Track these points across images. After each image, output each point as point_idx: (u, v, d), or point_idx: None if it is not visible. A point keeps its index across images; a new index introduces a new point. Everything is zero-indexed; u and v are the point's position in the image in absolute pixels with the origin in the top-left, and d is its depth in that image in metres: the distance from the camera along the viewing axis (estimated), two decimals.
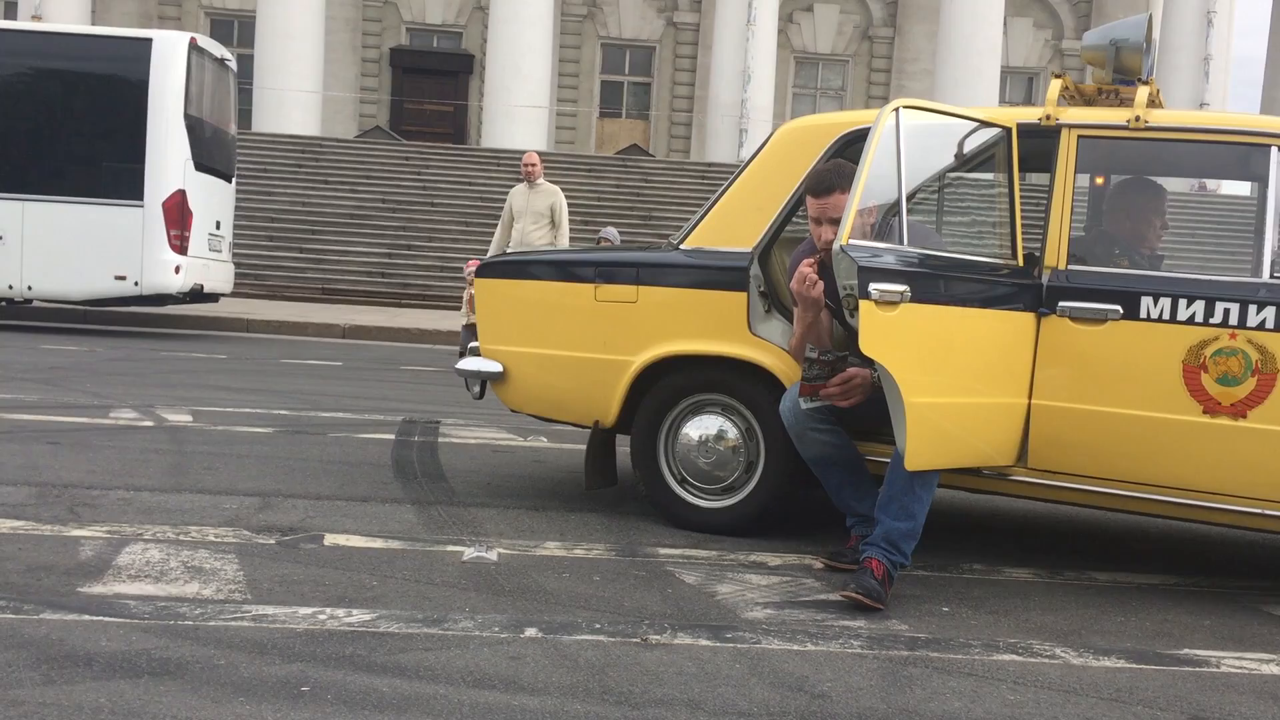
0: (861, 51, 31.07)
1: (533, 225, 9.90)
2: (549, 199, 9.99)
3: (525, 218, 9.92)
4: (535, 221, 9.90)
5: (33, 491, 4.21)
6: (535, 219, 9.90)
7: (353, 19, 29.57)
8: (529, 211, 9.92)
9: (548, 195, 10.01)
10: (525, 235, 9.90)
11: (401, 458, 5.38)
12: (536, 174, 10.01)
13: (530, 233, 9.91)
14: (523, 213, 9.95)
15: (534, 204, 9.96)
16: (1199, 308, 3.53)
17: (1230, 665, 3.02)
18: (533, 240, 9.86)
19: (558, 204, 9.99)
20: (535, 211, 9.91)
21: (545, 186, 10.08)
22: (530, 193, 10.02)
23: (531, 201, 9.98)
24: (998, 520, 4.83)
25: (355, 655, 2.69)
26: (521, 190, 10.09)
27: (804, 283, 3.58)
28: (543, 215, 9.91)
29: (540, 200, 9.97)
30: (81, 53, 12.31)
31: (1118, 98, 4.02)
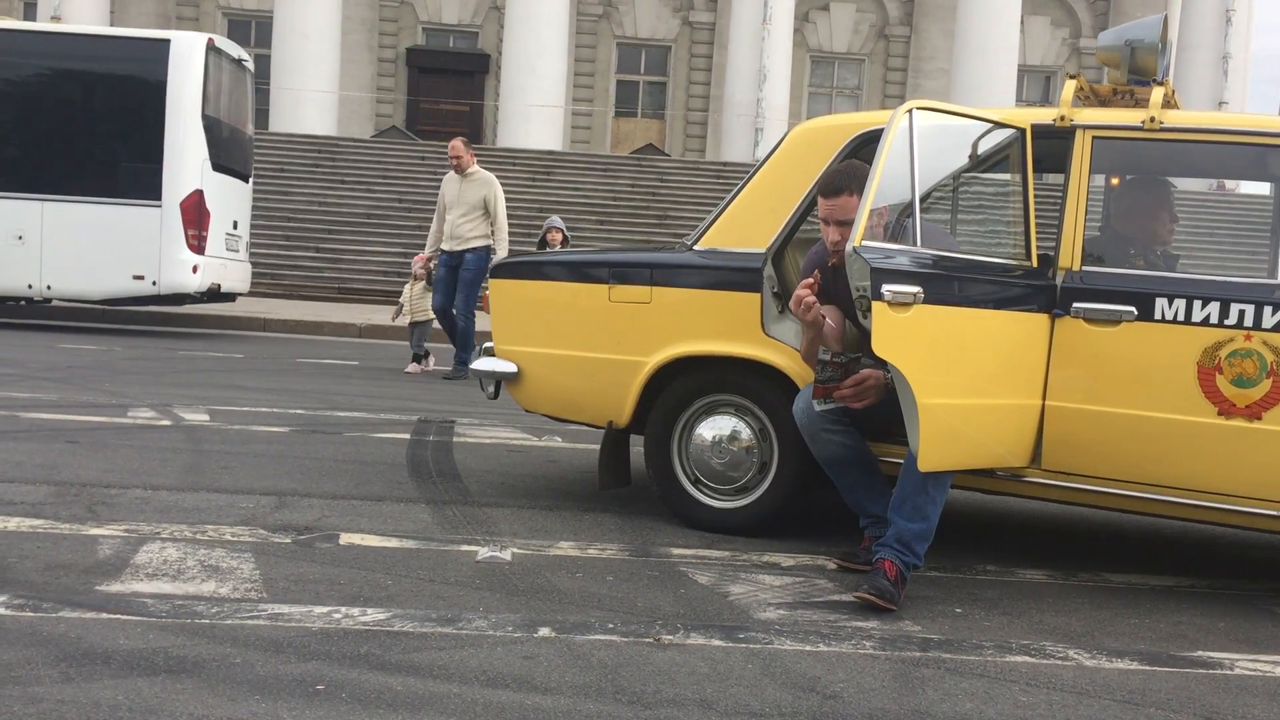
0: (878, 50, 31.00)
1: (463, 217, 9.24)
2: (482, 189, 9.29)
3: (456, 208, 9.29)
4: (466, 214, 9.24)
5: (51, 490, 4.24)
6: (466, 210, 9.25)
7: (369, 19, 29.65)
8: (460, 202, 9.29)
9: (480, 185, 9.31)
10: (455, 228, 9.24)
11: (416, 457, 5.40)
12: (464, 163, 9.32)
13: (460, 225, 9.23)
14: (454, 203, 9.31)
15: (465, 195, 9.29)
16: (1214, 309, 3.52)
17: (1244, 668, 3.02)
18: (463, 233, 9.24)
19: (491, 195, 9.28)
20: (466, 203, 9.27)
21: (478, 176, 9.36)
22: (462, 182, 9.33)
23: (463, 192, 9.30)
24: (1011, 521, 4.82)
25: (370, 654, 2.71)
26: (452, 180, 9.42)
27: (799, 306, 3.57)
28: (475, 207, 9.24)
29: (472, 191, 9.29)
30: (100, 54, 12.39)
31: (1133, 98, 4.01)
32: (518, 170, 21.92)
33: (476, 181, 9.33)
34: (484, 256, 9.20)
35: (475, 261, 9.22)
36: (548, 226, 9.55)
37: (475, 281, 9.24)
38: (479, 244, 9.25)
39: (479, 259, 9.21)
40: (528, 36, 24.76)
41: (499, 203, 9.31)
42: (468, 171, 9.35)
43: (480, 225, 9.27)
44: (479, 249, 9.25)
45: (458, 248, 9.26)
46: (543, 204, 20.67)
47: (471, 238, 9.26)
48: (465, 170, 9.34)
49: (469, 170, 9.35)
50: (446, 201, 9.38)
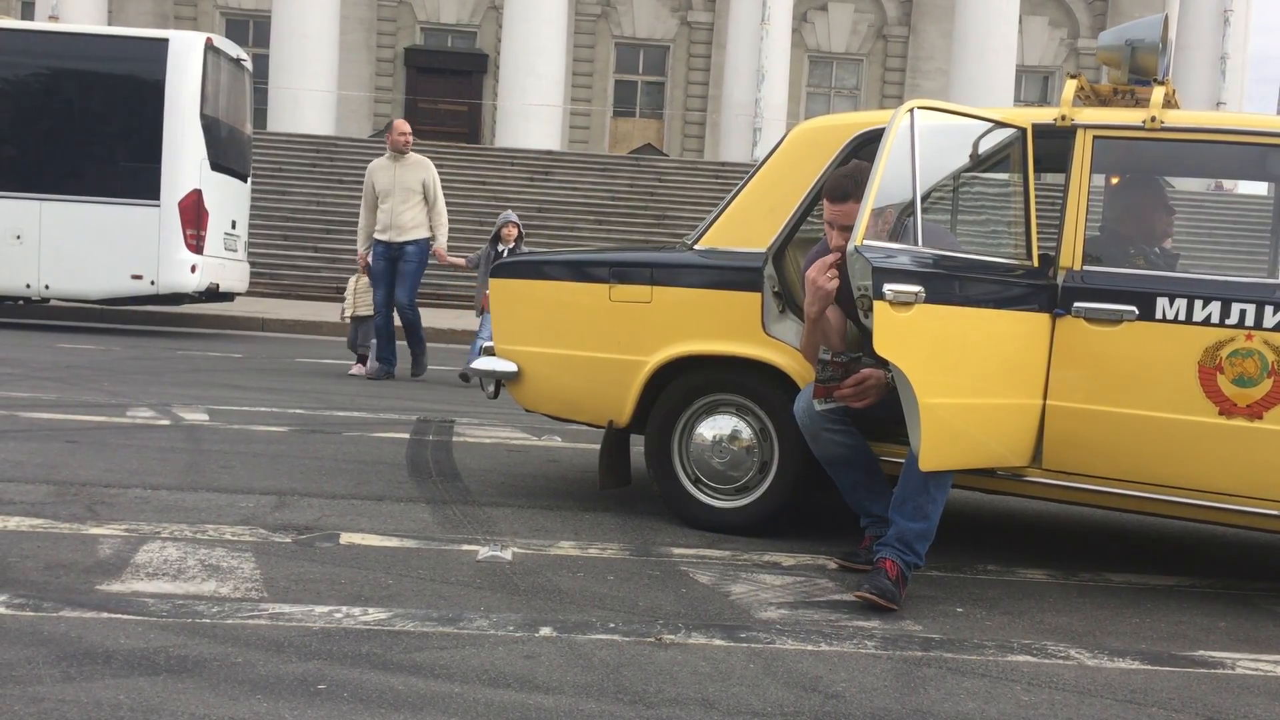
0: (876, 50, 31.01)
1: (403, 204, 8.75)
2: (420, 173, 8.83)
3: (394, 195, 8.74)
4: (405, 199, 8.75)
5: (51, 490, 4.24)
6: (406, 196, 8.75)
7: (367, 18, 29.64)
8: (398, 188, 8.75)
9: (418, 169, 8.84)
10: (396, 216, 8.75)
11: (416, 457, 5.40)
12: (410, 144, 8.87)
13: (402, 213, 8.75)
14: (389, 190, 8.75)
15: (403, 179, 8.77)
16: (1215, 309, 3.52)
17: (1245, 667, 3.02)
18: (405, 221, 8.75)
19: (430, 179, 8.84)
20: (405, 188, 8.75)
21: (414, 159, 8.92)
22: (397, 167, 8.81)
23: (400, 177, 8.78)
24: (1012, 521, 4.82)
25: (371, 654, 2.70)
26: (385, 165, 8.87)
27: (823, 270, 3.57)
28: (414, 191, 8.77)
29: (410, 175, 8.80)
30: (98, 53, 12.38)
31: (1133, 98, 4.01)
32: (516, 170, 21.93)
33: (413, 165, 8.87)
34: (425, 248, 8.88)
35: (417, 253, 8.86)
36: (502, 221, 9.14)
37: (418, 273, 8.93)
38: (421, 234, 8.87)
39: (421, 250, 8.88)
40: (526, 36, 24.76)
41: (437, 186, 8.90)
42: (403, 155, 8.88)
43: (421, 213, 8.85)
44: (419, 240, 8.86)
45: (397, 239, 8.79)
46: (541, 204, 20.68)
47: (413, 227, 8.83)
48: (404, 153, 8.87)
49: (406, 154, 8.89)
50: (379, 189, 8.82)
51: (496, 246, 8.90)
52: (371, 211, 8.88)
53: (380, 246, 8.82)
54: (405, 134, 8.87)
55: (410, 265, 8.84)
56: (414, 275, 8.90)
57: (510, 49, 25.20)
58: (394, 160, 8.84)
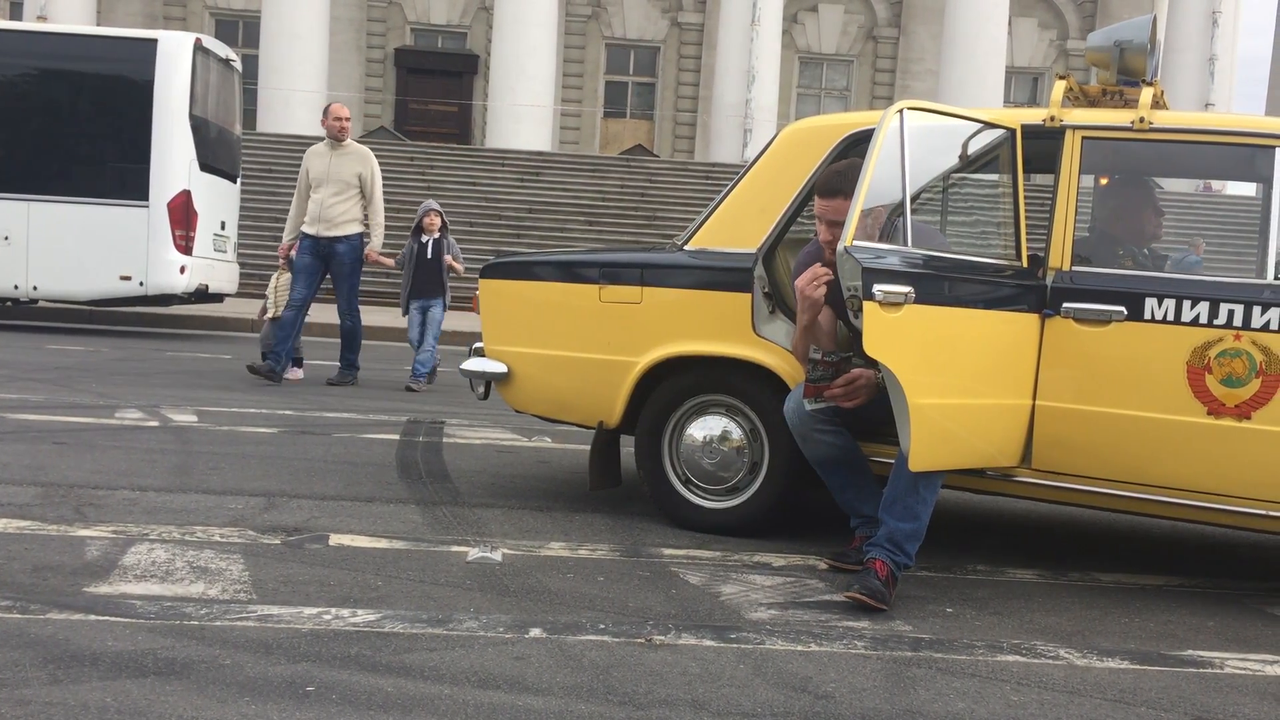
0: (866, 52, 31.06)
1: (335, 196, 8.09)
2: (358, 164, 8.17)
3: (327, 186, 8.08)
4: (339, 191, 8.10)
5: (39, 491, 4.22)
6: (340, 188, 8.10)
7: (357, 19, 29.59)
8: (331, 179, 8.09)
9: (356, 160, 8.18)
10: (326, 208, 8.08)
11: (406, 458, 5.39)
12: (348, 130, 8.23)
13: (333, 205, 8.08)
14: (323, 180, 8.09)
15: (338, 170, 8.12)
16: (1203, 309, 3.53)
17: (1234, 667, 3.03)
18: (335, 215, 8.09)
19: (368, 171, 8.17)
20: (340, 179, 8.11)
21: (353, 149, 8.25)
22: (334, 155, 8.16)
23: (335, 167, 8.12)
24: (1001, 521, 4.83)
25: (360, 655, 2.69)
26: (322, 152, 8.21)
27: (812, 281, 3.58)
28: (349, 184, 8.11)
29: (346, 165, 8.14)
30: (87, 53, 12.34)
31: (1122, 99, 4.02)
32: (506, 171, 21.91)
33: (351, 155, 8.21)
34: (358, 245, 8.24)
35: (350, 252, 8.20)
36: (424, 211, 8.60)
37: (355, 274, 8.28)
38: (353, 230, 8.19)
39: (353, 248, 8.21)
40: (516, 37, 24.76)
41: (376, 180, 8.23)
42: (342, 143, 8.22)
43: (355, 207, 8.18)
44: (351, 237, 8.19)
45: (327, 233, 8.11)
46: (531, 205, 20.67)
47: (345, 222, 8.15)
48: (343, 140, 8.21)
49: (345, 141, 8.23)
50: (313, 178, 8.17)
51: (420, 238, 8.53)
52: (303, 201, 8.26)
53: (307, 240, 8.16)
54: (341, 119, 8.19)
55: (344, 267, 8.22)
56: (351, 278, 8.28)
57: (501, 50, 25.19)
58: (331, 148, 8.20)
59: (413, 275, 8.57)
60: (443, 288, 8.65)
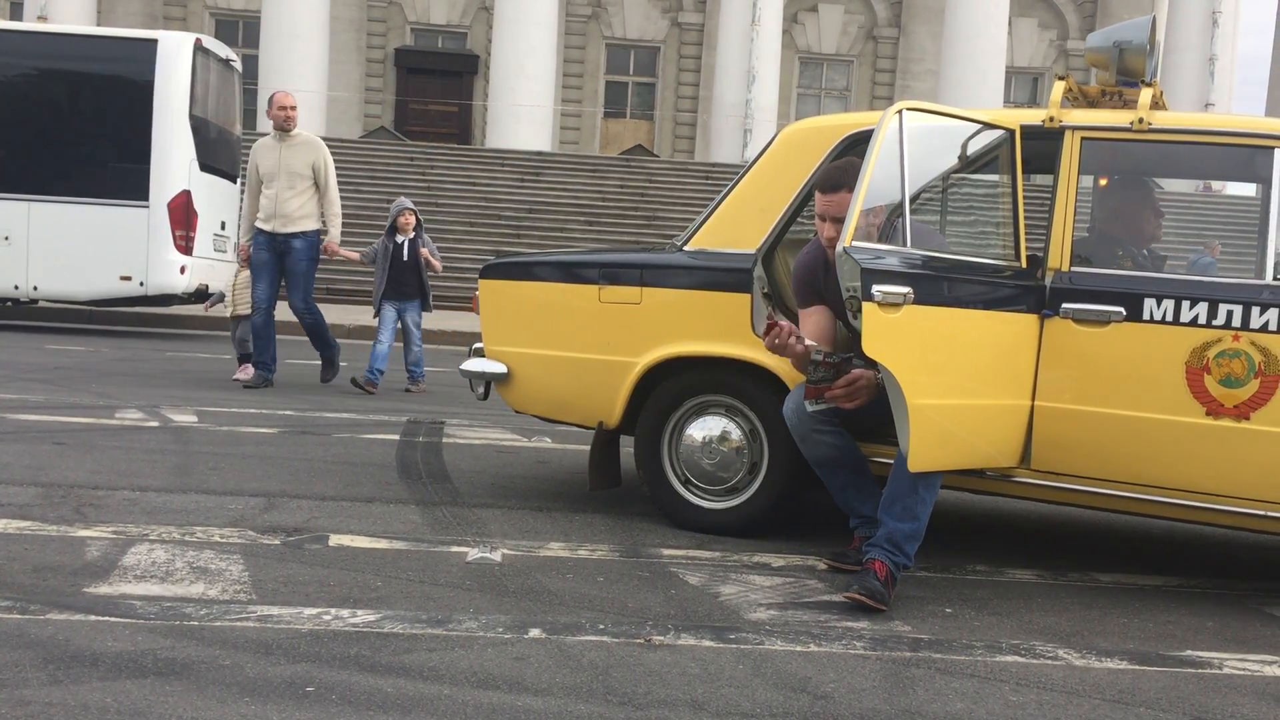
0: (866, 52, 31.06)
1: (289, 190, 7.69)
2: (309, 155, 7.75)
3: (278, 179, 7.68)
4: (292, 185, 7.69)
5: (39, 492, 4.22)
6: (292, 181, 7.69)
7: (357, 19, 29.59)
8: (283, 171, 7.68)
9: (307, 150, 7.77)
10: (280, 204, 7.69)
11: (406, 458, 5.39)
12: (294, 120, 7.78)
13: (287, 200, 7.69)
14: (274, 173, 7.70)
15: (289, 162, 7.71)
16: (1202, 309, 3.53)
17: (1233, 667, 3.03)
18: (290, 211, 7.70)
19: (320, 162, 7.76)
20: (291, 171, 7.69)
21: (304, 139, 7.83)
22: (283, 148, 7.74)
23: (286, 159, 7.71)
24: (1000, 522, 4.83)
25: (360, 656, 2.70)
26: (270, 145, 7.80)
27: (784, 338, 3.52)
28: (301, 176, 7.71)
29: (297, 157, 7.73)
30: (87, 53, 12.35)
31: (1121, 99, 4.03)
32: (506, 171, 21.91)
33: (302, 145, 7.79)
34: (314, 242, 7.85)
35: (306, 249, 7.81)
36: (397, 209, 8.34)
37: (310, 272, 7.92)
38: (309, 226, 7.82)
39: (309, 245, 7.82)
40: (517, 37, 24.76)
41: (330, 170, 7.82)
42: (291, 134, 7.79)
43: (310, 202, 7.79)
44: (308, 233, 7.81)
45: (282, 229, 7.74)
46: (531, 205, 20.67)
47: (300, 217, 7.77)
48: (290, 131, 7.78)
49: (293, 132, 7.81)
50: (263, 172, 7.76)
51: (395, 238, 8.30)
52: (255, 197, 7.84)
53: (262, 237, 7.79)
54: (286, 108, 7.75)
55: (300, 264, 7.82)
56: (305, 275, 7.90)
57: (501, 50, 25.19)
58: (279, 140, 7.78)
59: (387, 276, 8.30)
60: (422, 289, 8.39)
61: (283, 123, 7.73)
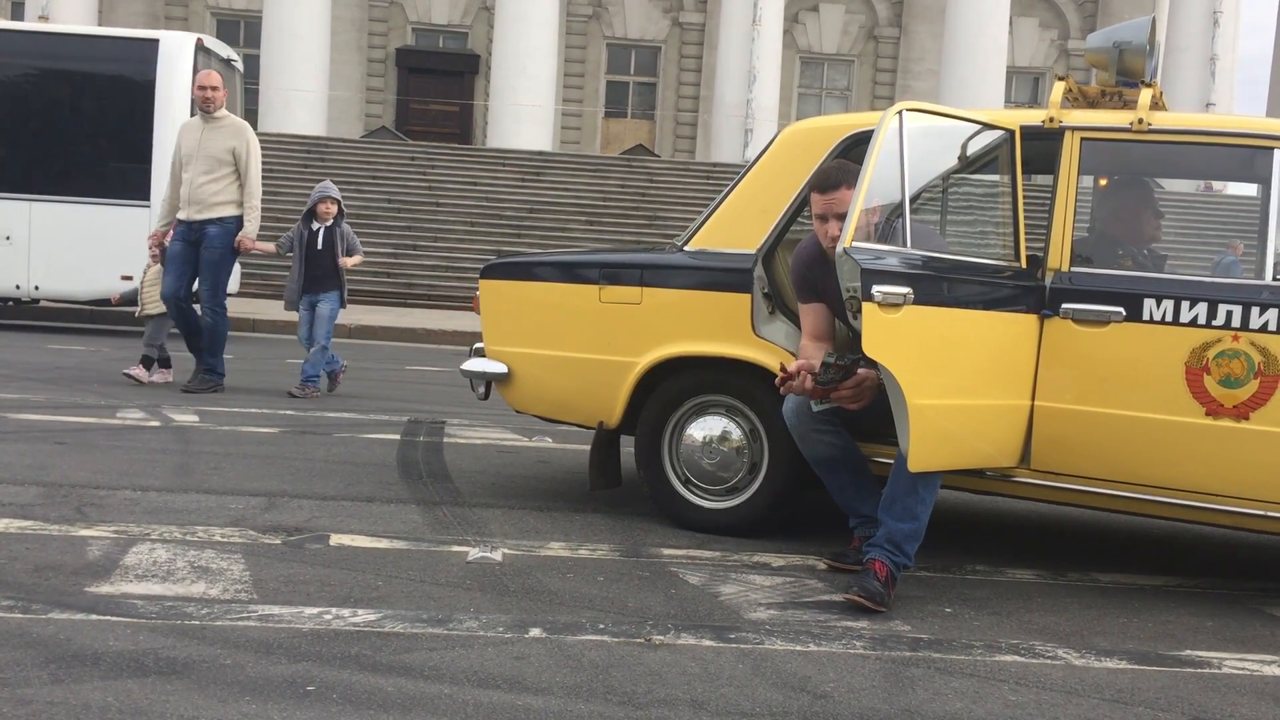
0: (867, 51, 31.05)
1: (205, 175, 7.10)
2: (230, 139, 7.16)
3: (196, 163, 7.12)
4: (210, 169, 7.11)
5: (40, 491, 4.23)
6: (210, 165, 7.11)
7: (358, 19, 29.59)
8: (201, 155, 7.11)
9: (229, 133, 7.18)
10: (196, 189, 7.11)
11: (406, 458, 5.39)
12: (218, 101, 7.18)
13: (203, 185, 7.10)
14: (193, 156, 7.14)
15: (209, 145, 7.12)
16: (1202, 310, 3.53)
17: (1232, 667, 3.03)
18: (206, 197, 7.11)
19: (243, 147, 7.17)
20: (210, 155, 7.11)
21: (228, 122, 7.25)
22: (205, 129, 7.17)
23: (206, 141, 7.13)
24: (1000, 521, 4.84)
25: (360, 655, 2.70)
26: (193, 125, 7.27)
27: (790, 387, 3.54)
28: (221, 161, 7.12)
29: (217, 140, 7.13)
30: (88, 53, 12.35)
31: (1121, 100, 4.03)
32: (507, 171, 21.91)
33: (224, 128, 7.22)
34: (231, 230, 7.22)
35: (221, 237, 7.18)
36: (318, 195, 7.70)
37: (223, 264, 7.28)
38: (227, 213, 7.20)
39: (225, 233, 7.19)
40: (518, 37, 24.75)
41: (252, 158, 7.24)
42: (214, 115, 7.22)
43: (230, 188, 7.18)
44: (226, 220, 7.19)
45: (198, 216, 7.15)
46: (532, 205, 20.67)
47: (217, 203, 7.16)
48: (213, 112, 7.22)
49: (218, 114, 7.24)
50: (184, 155, 7.22)
51: (311, 225, 7.68)
52: (177, 184, 7.30)
53: (179, 226, 7.25)
54: (205, 88, 7.19)
55: (214, 253, 7.18)
56: (218, 266, 7.23)
57: (502, 50, 25.19)
58: (204, 121, 7.22)
59: (303, 267, 7.67)
60: (337, 281, 7.71)
61: (203, 104, 7.20)
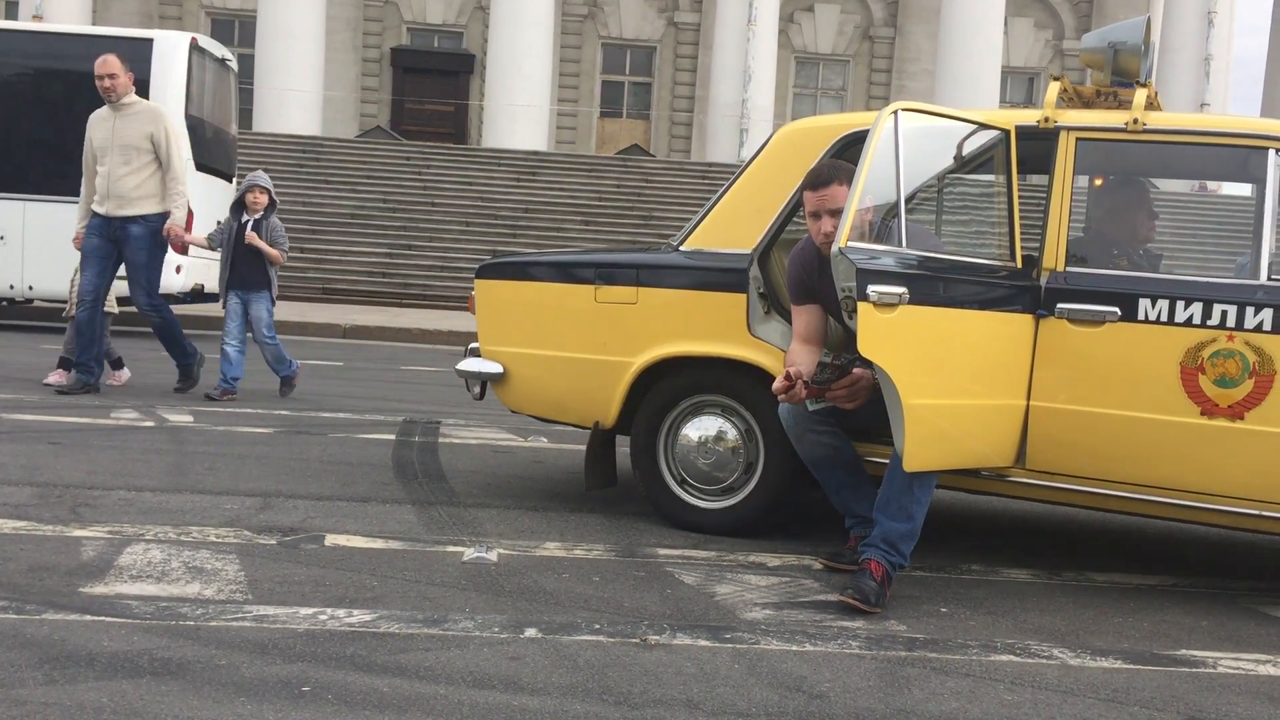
0: (862, 52, 31.08)
1: (124, 166, 6.61)
2: (146, 125, 6.65)
3: (112, 155, 6.63)
4: (127, 160, 6.61)
5: (34, 492, 4.22)
6: (127, 156, 6.62)
7: (353, 19, 29.58)
8: (116, 145, 6.63)
9: (144, 119, 6.68)
10: (114, 182, 6.61)
11: (402, 458, 5.39)
12: (120, 88, 6.66)
13: (122, 178, 6.60)
14: (107, 148, 6.67)
15: (123, 134, 6.64)
16: (1197, 309, 3.54)
17: (1227, 666, 3.04)
18: (125, 191, 6.62)
19: (162, 133, 6.65)
20: (126, 145, 6.62)
21: (140, 107, 6.77)
22: (117, 118, 6.68)
23: (120, 131, 6.65)
24: (996, 521, 4.84)
25: (356, 655, 2.70)
26: (103, 116, 6.76)
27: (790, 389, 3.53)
28: (138, 150, 6.63)
29: (132, 128, 6.65)
30: (82, 53, 12.25)
31: (1116, 100, 4.04)
32: (503, 171, 21.91)
33: (138, 115, 6.71)
34: (155, 228, 6.70)
35: (145, 237, 6.70)
36: (248, 185, 7.17)
37: (153, 264, 6.79)
38: (149, 209, 6.70)
39: (149, 231, 6.70)
40: (513, 37, 24.76)
41: (173, 143, 6.70)
42: (123, 102, 6.71)
43: (150, 180, 6.68)
44: (149, 217, 6.69)
45: (118, 212, 6.67)
46: (528, 205, 20.67)
47: (138, 198, 6.67)
48: (118, 100, 6.70)
49: (127, 100, 6.72)
50: (96, 147, 6.75)
51: (240, 216, 7.19)
52: (92, 179, 6.80)
53: (96, 220, 6.75)
54: (103, 76, 6.68)
55: (140, 255, 6.73)
56: (147, 267, 6.79)
57: (497, 49, 25.18)
58: (113, 110, 6.71)
59: (231, 260, 7.22)
60: (266, 278, 7.25)
61: (105, 94, 6.72)
